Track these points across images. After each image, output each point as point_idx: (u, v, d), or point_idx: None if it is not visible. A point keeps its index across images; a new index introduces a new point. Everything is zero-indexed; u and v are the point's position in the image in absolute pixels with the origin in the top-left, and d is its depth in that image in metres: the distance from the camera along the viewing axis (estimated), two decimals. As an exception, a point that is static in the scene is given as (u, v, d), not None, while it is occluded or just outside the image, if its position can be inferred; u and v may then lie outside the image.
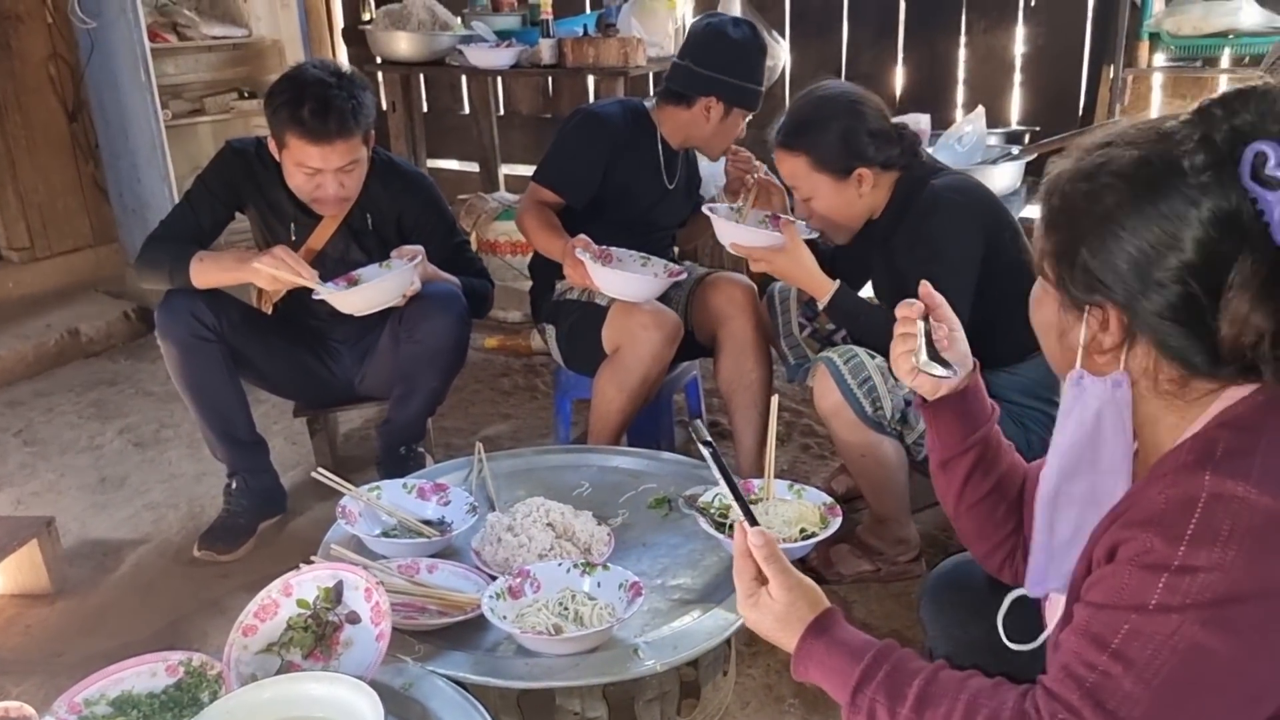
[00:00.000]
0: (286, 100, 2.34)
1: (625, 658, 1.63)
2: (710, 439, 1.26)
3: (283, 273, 2.32)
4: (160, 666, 1.60)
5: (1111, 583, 0.98)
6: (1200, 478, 0.95)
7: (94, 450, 3.21)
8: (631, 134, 2.67)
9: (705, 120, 2.60)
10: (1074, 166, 1.05)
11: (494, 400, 3.43)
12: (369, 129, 2.45)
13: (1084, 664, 0.97)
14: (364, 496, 2.03)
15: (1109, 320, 1.03)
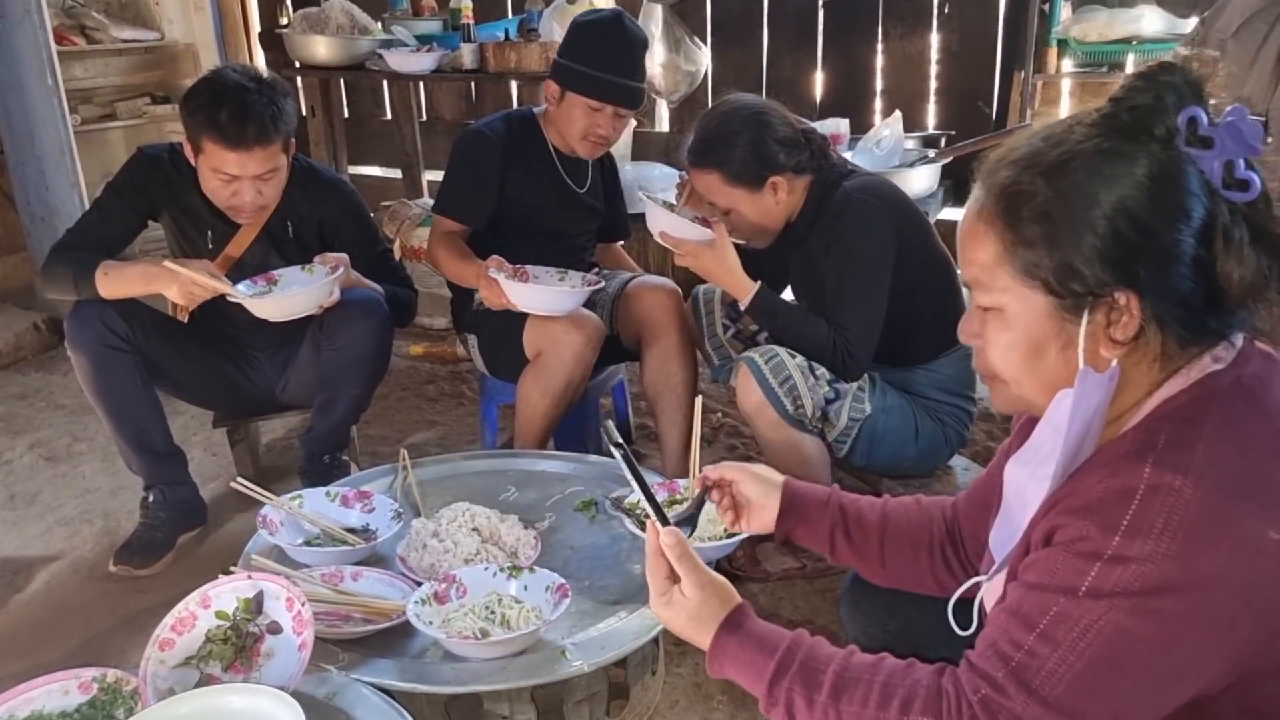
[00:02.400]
0: (204, 104, 2.30)
1: (553, 659, 1.63)
2: (620, 440, 1.27)
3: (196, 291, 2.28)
4: (73, 684, 1.55)
5: (1045, 566, 1.01)
6: (1140, 469, 0.97)
7: (3, 466, 3.10)
8: (519, 143, 2.64)
9: (555, 107, 2.60)
10: (1027, 173, 1.04)
11: (419, 407, 3.40)
12: (289, 136, 2.42)
13: (1011, 642, 1.01)
14: (286, 505, 2.00)
15: (1124, 307, 1.01)
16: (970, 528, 1.37)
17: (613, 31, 2.53)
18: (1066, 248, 1.01)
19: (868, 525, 1.42)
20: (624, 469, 1.27)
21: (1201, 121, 0.98)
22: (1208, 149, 0.98)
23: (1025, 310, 1.05)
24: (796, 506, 1.43)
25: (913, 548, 1.40)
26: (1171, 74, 1.01)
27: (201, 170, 2.38)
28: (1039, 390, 1.08)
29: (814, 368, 2.19)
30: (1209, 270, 1.00)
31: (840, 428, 2.21)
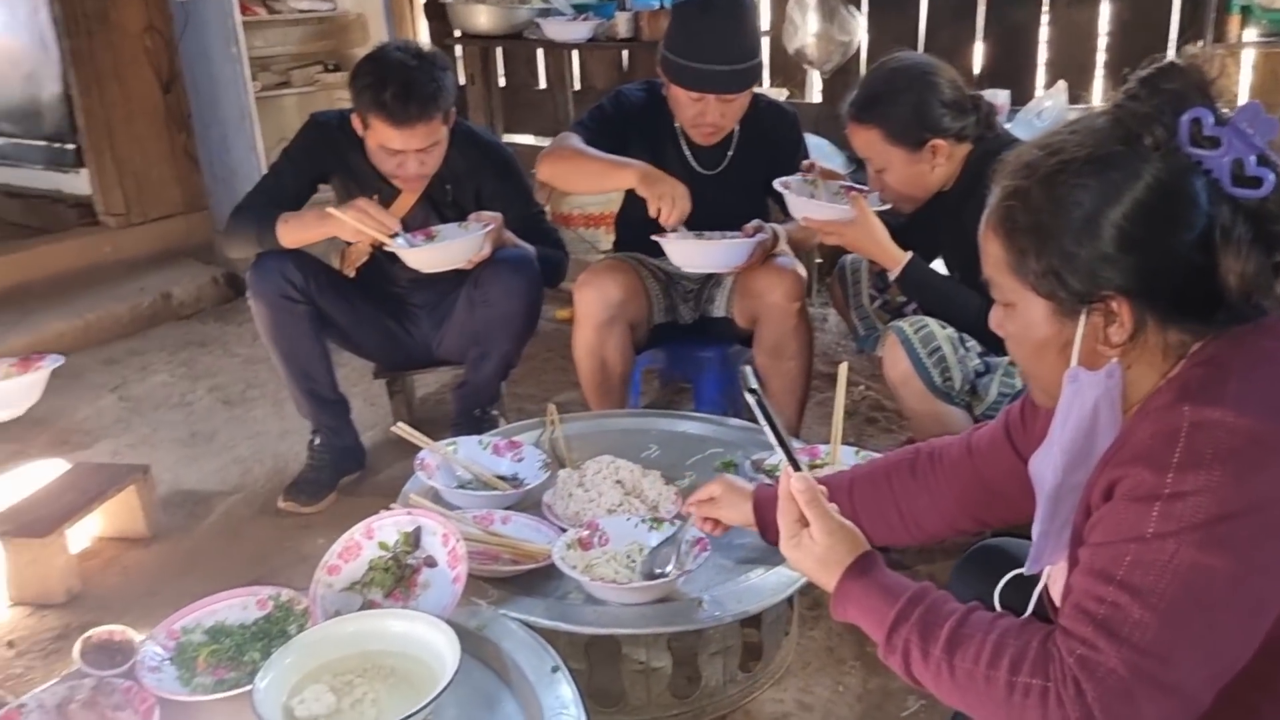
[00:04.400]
0: (370, 84, 2.42)
1: (689, 610, 1.68)
2: (756, 387, 1.29)
3: (364, 225, 2.40)
4: (251, 600, 1.70)
5: (1110, 520, 1.03)
6: (1180, 410, 1.00)
7: (185, 407, 3.36)
8: (648, 115, 2.63)
9: (669, 94, 2.57)
10: (1024, 181, 1.08)
11: (565, 369, 3.49)
12: (449, 108, 2.52)
13: (1093, 599, 1.02)
14: (441, 450, 2.11)
15: (1117, 312, 1.06)
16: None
17: (701, 17, 2.45)
18: (1055, 256, 1.06)
19: (840, 493, 1.50)
20: (757, 414, 1.30)
21: (1206, 122, 1.00)
22: (1215, 149, 1.00)
23: (1028, 310, 1.12)
24: (764, 509, 1.56)
25: (881, 514, 1.50)
26: (1172, 78, 1.04)
27: (369, 142, 2.51)
28: (1049, 384, 1.14)
29: (964, 339, 2.16)
30: (1208, 271, 1.02)
31: (989, 402, 2.18)
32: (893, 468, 1.54)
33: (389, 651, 1.54)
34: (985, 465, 1.43)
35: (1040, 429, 1.24)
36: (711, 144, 2.62)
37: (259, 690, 1.43)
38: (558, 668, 1.52)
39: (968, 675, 1.07)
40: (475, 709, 1.50)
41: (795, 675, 1.97)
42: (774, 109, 2.73)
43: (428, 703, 1.40)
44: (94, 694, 1.49)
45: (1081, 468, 1.12)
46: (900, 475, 1.52)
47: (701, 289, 2.74)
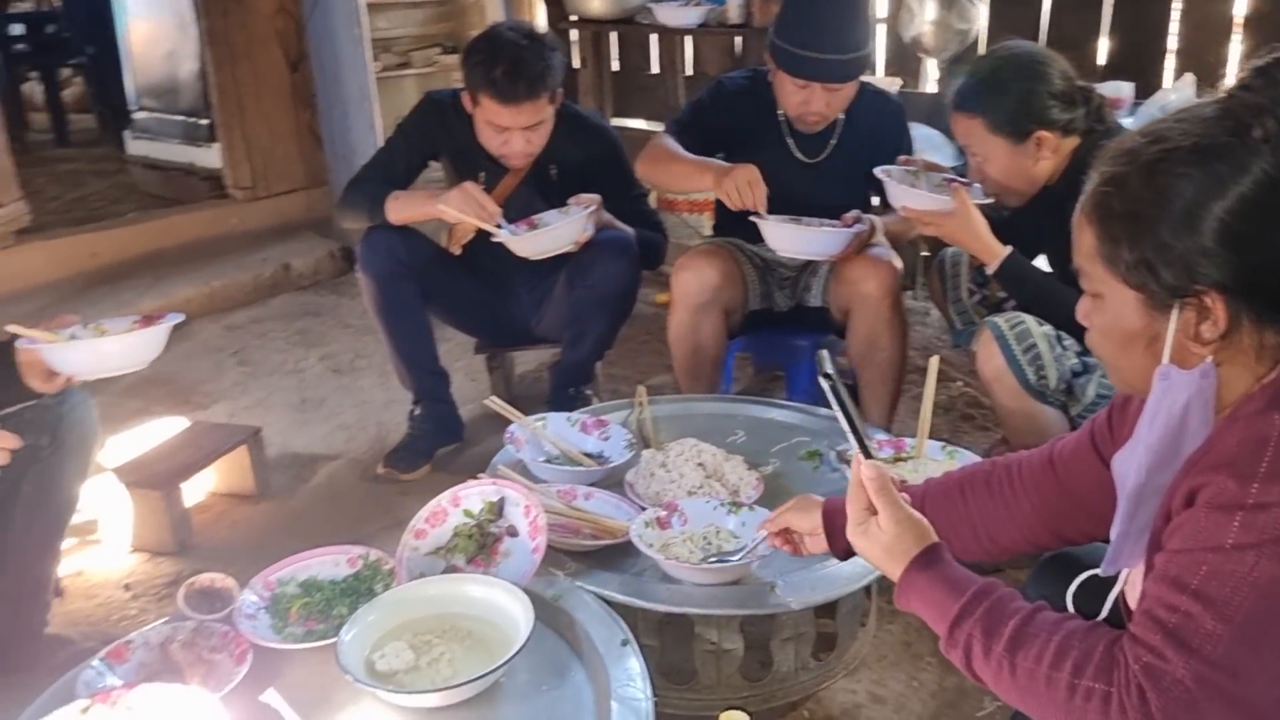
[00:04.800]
0: (481, 61, 2.49)
1: (762, 594, 1.70)
2: (831, 371, 1.29)
3: (468, 212, 2.47)
4: (343, 558, 1.79)
5: (1189, 527, 1.00)
6: (1271, 418, 0.97)
7: (298, 373, 3.51)
8: (750, 102, 2.62)
9: (775, 81, 2.55)
10: (1123, 168, 1.05)
11: (661, 352, 3.52)
12: (556, 89, 2.57)
13: (1165, 606, 0.99)
14: (531, 425, 2.16)
15: (1211, 308, 1.02)
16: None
17: (813, 3, 2.43)
18: (1149, 247, 1.03)
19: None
20: (830, 399, 1.30)
21: None
22: None
23: (1117, 302, 1.09)
24: (833, 518, 1.50)
25: (953, 529, 1.43)
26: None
27: (477, 120, 2.58)
28: (1132, 381, 1.12)
29: (1061, 337, 2.11)
30: None
31: (1085, 403, 2.12)
32: (967, 481, 1.49)
33: (467, 615, 1.60)
34: (1068, 476, 1.38)
35: (1127, 436, 1.21)
36: (815, 132, 2.60)
37: (343, 643, 1.50)
38: (627, 641, 1.56)
39: (1029, 675, 1.06)
40: (545, 675, 1.55)
41: (870, 668, 1.97)
42: (880, 99, 2.70)
43: (500, 665, 1.46)
44: (194, 635, 1.59)
45: (1166, 469, 1.09)
46: (975, 488, 1.47)
47: (798, 277, 2.74)
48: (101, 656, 1.56)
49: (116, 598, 2.31)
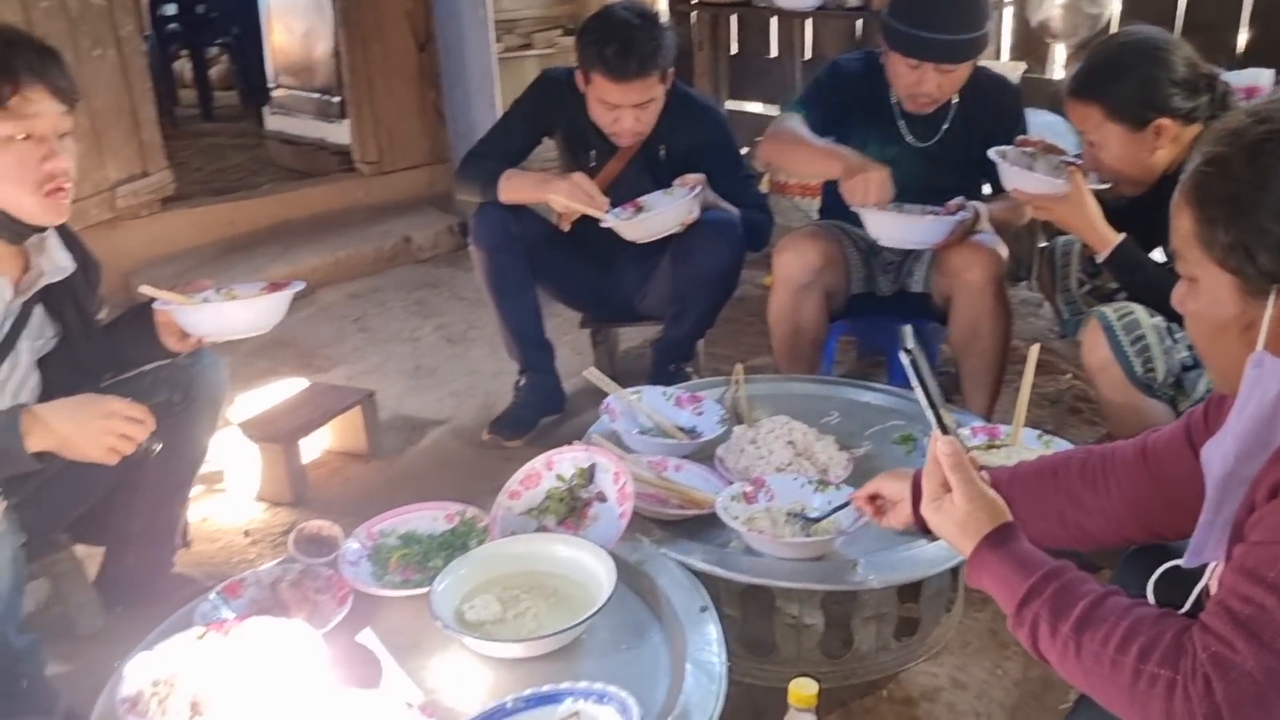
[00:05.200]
0: (594, 40, 2.55)
1: (843, 571, 1.71)
2: (912, 347, 1.30)
3: (576, 202, 2.54)
4: (441, 514, 1.88)
5: (1271, 520, 0.98)
6: None
7: (413, 341, 3.66)
8: (864, 84, 2.61)
9: (887, 62, 2.51)
10: (1226, 148, 1.03)
11: (764, 334, 3.50)
12: (667, 69, 2.61)
13: (1239, 597, 0.98)
14: (627, 397, 2.22)
15: None
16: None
17: None
18: (1247, 230, 1.00)
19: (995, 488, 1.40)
20: (909, 374, 1.30)
21: None
22: None
23: (1213, 286, 1.07)
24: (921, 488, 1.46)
25: (1041, 514, 1.42)
26: None
27: (589, 97, 2.64)
28: (1226, 368, 1.09)
29: (1172, 329, 2.05)
30: None
31: (1194, 398, 2.06)
32: (1060, 466, 1.47)
33: (553, 573, 1.67)
34: (1159, 469, 1.36)
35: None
36: (926, 114, 2.58)
37: (436, 592, 1.59)
38: (706, 608, 1.60)
39: (1094, 657, 1.06)
40: (625, 635, 1.60)
41: (953, 653, 1.96)
42: (996, 83, 2.65)
43: (582, 621, 1.52)
44: (301, 577, 1.70)
45: (1254, 459, 1.06)
46: (1068, 474, 1.45)
47: (902, 262, 2.71)
48: (217, 591, 1.68)
49: (237, 543, 2.47)
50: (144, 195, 4.02)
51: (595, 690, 1.33)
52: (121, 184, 3.92)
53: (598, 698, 1.32)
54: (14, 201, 1.68)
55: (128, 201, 3.95)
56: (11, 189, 1.66)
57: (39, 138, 1.66)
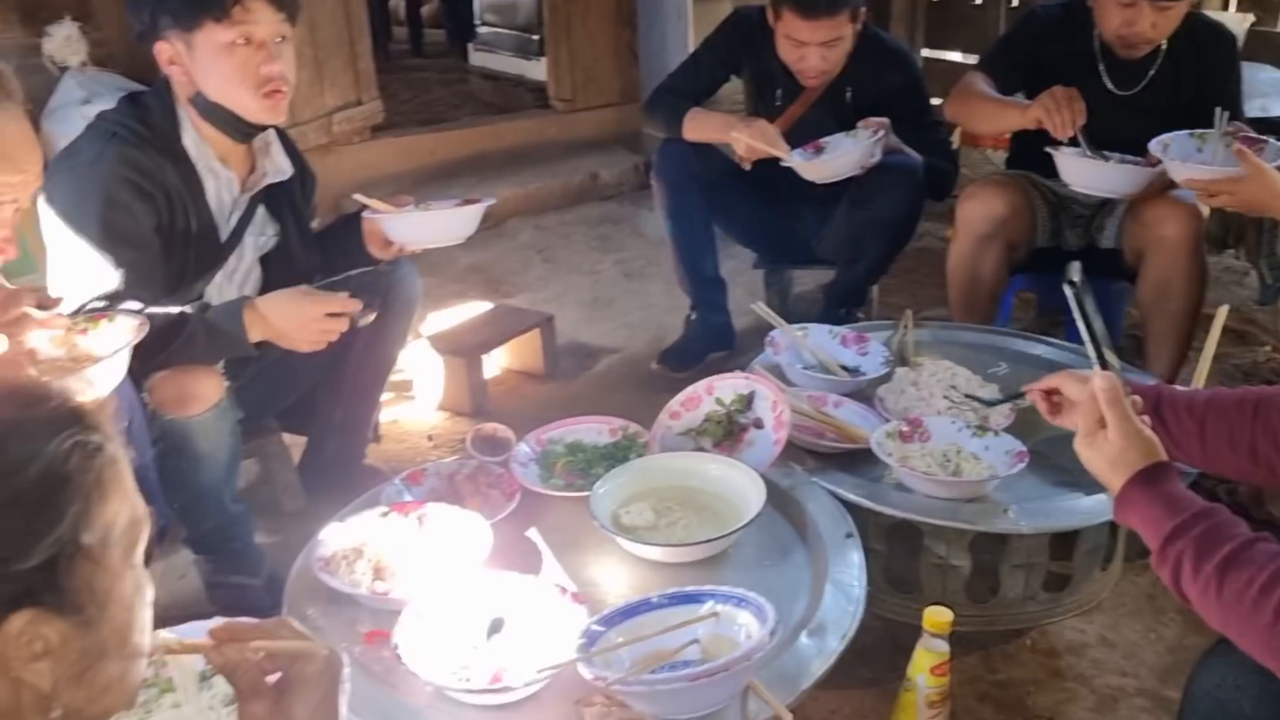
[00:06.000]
0: None
1: (993, 513, 1.72)
2: (1077, 280, 1.29)
3: (759, 143, 2.57)
4: (605, 428, 1.99)
5: None
6: None
7: (593, 274, 3.79)
8: (1064, 33, 2.50)
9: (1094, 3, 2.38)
10: None
11: (942, 286, 3.46)
12: (858, 8, 2.59)
13: None
14: (792, 332, 2.26)
15: None
16: None
17: None
18: None
19: (1189, 410, 1.40)
20: (1071, 305, 1.30)
21: None
22: None
23: None
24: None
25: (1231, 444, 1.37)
26: None
27: (777, 34, 2.66)
28: None
29: (1382, 300, 1.92)
30: None
31: (1402, 375, 1.93)
32: (1265, 401, 1.39)
33: (705, 490, 1.75)
34: None
35: None
36: (1133, 59, 2.46)
37: (596, 495, 1.70)
38: (851, 534, 1.65)
39: (1236, 596, 1.05)
40: (769, 553, 1.67)
41: (1105, 612, 1.93)
42: (1211, 30, 2.50)
43: (730, 532, 1.60)
44: (475, 472, 1.85)
45: None
46: (1270, 412, 1.37)
47: (1093, 216, 2.62)
48: (402, 478, 1.85)
49: (420, 445, 2.67)
50: (357, 122, 4.29)
51: (736, 594, 1.40)
52: (337, 111, 4.20)
53: (737, 601, 1.39)
54: (236, 101, 1.85)
55: (342, 128, 4.22)
56: (234, 90, 1.83)
57: (258, 43, 1.81)
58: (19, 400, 0.76)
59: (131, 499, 0.79)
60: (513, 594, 1.49)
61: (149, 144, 1.83)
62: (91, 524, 0.74)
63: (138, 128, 1.83)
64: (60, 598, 0.72)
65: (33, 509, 0.71)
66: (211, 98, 1.84)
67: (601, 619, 1.41)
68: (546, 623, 1.44)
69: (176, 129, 1.87)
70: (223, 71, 1.80)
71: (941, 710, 1.48)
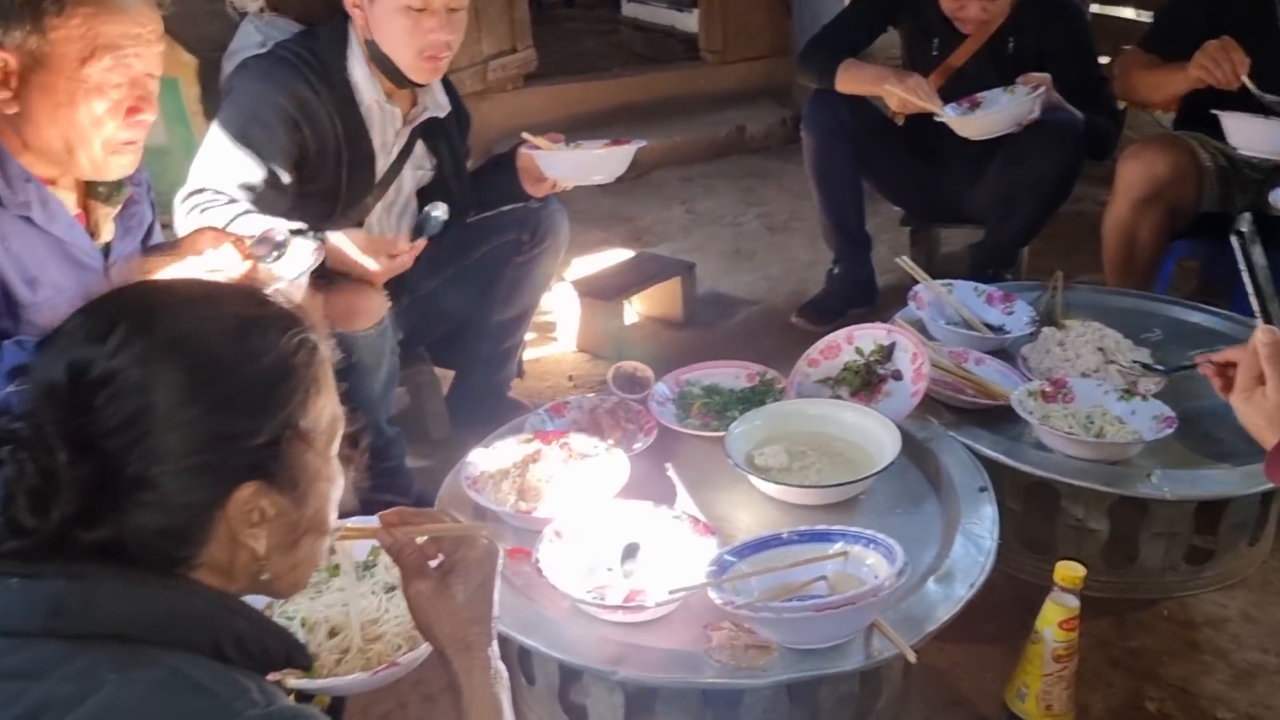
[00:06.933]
0: None
1: (1134, 477, 1.69)
2: (1246, 231, 1.25)
3: (914, 98, 2.52)
4: (743, 373, 2.03)
5: None
6: None
7: (735, 226, 3.81)
8: None
9: None
10: None
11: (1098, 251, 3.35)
12: None
13: None
14: (936, 288, 2.24)
15: None
16: None
17: None
18: None
19: None
20: (1237, 255, 1.26)
21: None
22: None
23: None
24: None
25: None
26: None
27: None
28: None
29: None
30: None
31: None
32: None
33: (840, 437, 1.78)
34: None
35: None
36: None
37: (732, 435, 1.74)
38: (985, 488, 1.64)
39: None
40: (901, 501, 1.68)
41: (1251, 589, 1.87)
42: None
43: (864, 476, 1.63)
44: (615, 407, 1.92)
45: None
46: None
47: (1265, 180, 2.48)
48: (545, 408, 1.94)
49: (561, 384, 2.76)
50: (511, 70, 4.39)
51: (866, 535, 1.43)
52: (493, 58, 4.30)
53: (867, 542, 1.42)
54: (400, 58, 1.95)
55: (496, 75, 4.33)
56: (400, 49, 1.94)
57: (432, 11, 1.91)
58: (253, 299, 0.86)
59: (335, 397, 0.88)
60: (647, 521, 1.55)
61: (314, 72, 1.93)
62: (308, 412, 0.84)
63: (306, 56, 1.94)
64: (278, 475, 0.82)
65: (265, 393, 0.81)
66: (381, 47, 1.94)
67: (733, 550, 1.45)
68: (678, 550, 1.50)
69: (344, 63, 1.98)
70: (395, 30, 1.91)
71: (1067, 665, 1.48)
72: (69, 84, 1.30)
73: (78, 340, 0.78)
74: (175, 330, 0.79)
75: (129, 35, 1.34)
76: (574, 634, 1.39)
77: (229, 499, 0.80)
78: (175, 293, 0.86)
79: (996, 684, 1.65)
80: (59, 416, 0.76)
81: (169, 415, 0.77)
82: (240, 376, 0.80)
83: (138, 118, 1.38)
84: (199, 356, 0.79)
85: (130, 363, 0.76)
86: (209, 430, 0.78)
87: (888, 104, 2.73)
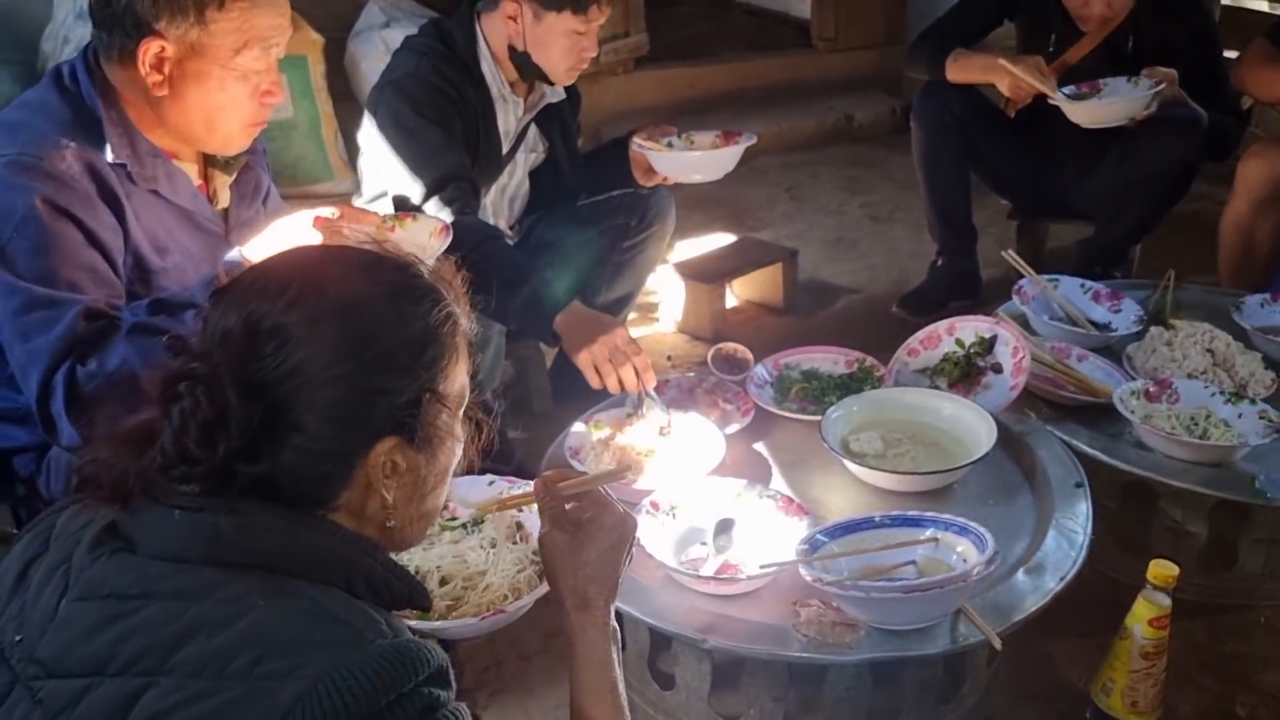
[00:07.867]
0: None
1: (1239, 481, 1.67)
2: None
3: (1028, 79, 2.49)
4: (842, 359, 2.05)
5: None
6: None
7: (839, 215, 3.81)
8: None
9: None
10: None
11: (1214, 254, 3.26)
12: None
13: None
14: (1041, 283, 2.22)
15: None
16: None
17: None
18: None
19: None
20: None
21: None
22: None
23: None
24: None
25: None
26: None
27: None
28: None
29: None
30: None
31: None
32: None
33: (936, 427, 1.80)
34: None
35: None
36: None
37: (828, 420, 1.78)
38: (1081, 484, 1.65)
39: None
40: (995, 493, 1.70)
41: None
42: None
43: (959, 465, 1.65)
44: (714, 387, 1.97)
45: None
46: None
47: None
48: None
49: (659, 364, 2.82)
50: (622, 54, 4.45)
51: (957, 522, 1.45)
52: (605, 41, 4.36)
53: (958, 529, 1.44)
54: (552, 69, 2.08)
55: (608, 58, 4.39)
56: (556, 62, 2.07)
57: (591, 32, 2.06)
58: (409, 271, 0.94)
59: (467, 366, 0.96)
60: (742, 498, 1.60)
61: (452, 64, 2.04)
62: (447, 377, 0.92)
63: (442, 50, 2.05)
64: (415, 432, 0.90)
65: (412, 357, 0.89)
66: (533, 58, 2.05)
67: (824, 530, 1.49)
68: (771, 528, 1.55)
69: (476, 55, 2.08)
70: (557, 48, 2.04)
71: (1155, 663, 1.48)
72: (221, 72, 1.40)
73: (253, 294, 0.87)
74: (339, 293, 0.88)
75: (274, 26, 1.43)
76: (666, 602, 1.45)
77: (371, 450, 0.88)
78: (341, 259, 0.95)
79: (1082, 679, 1.66)
80: (232, 361, 0.85)
81: (327, 369, 0.85)
82: (392, 340, 0.88)
83: (270, 100, 1.48)
84: (358, 319, 0.87)
85: (298, 320, 0.85)
86: (360, 386, 0.86)
87: (1000, 90, 2.71)
